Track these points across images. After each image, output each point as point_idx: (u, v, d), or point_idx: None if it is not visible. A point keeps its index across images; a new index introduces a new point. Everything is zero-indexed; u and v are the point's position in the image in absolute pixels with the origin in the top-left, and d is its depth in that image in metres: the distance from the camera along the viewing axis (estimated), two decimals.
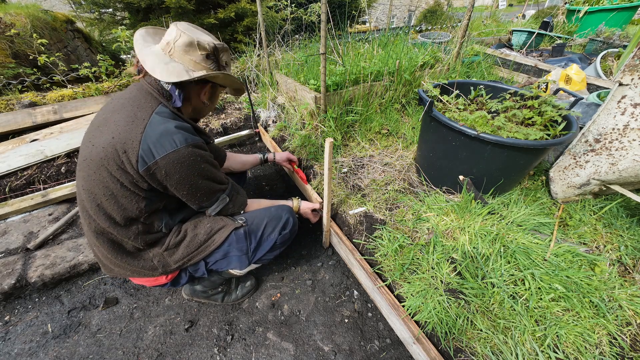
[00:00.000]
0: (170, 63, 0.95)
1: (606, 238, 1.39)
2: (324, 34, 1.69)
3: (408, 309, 1.22)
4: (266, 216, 1.24)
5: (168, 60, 0.95)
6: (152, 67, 0.93)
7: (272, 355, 1.27)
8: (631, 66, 1.14)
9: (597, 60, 3.03)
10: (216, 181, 1.07)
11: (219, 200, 1.10)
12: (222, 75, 1.03)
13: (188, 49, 0.96)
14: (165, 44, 0.97)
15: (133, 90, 1.00)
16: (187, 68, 0.96)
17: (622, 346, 1.05)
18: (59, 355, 1.27)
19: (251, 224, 1.20)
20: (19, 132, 2.43)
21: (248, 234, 1.19)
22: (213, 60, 1.01)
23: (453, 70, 2.62)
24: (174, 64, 0.95)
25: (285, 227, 1.26)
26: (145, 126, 0.89)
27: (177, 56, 0.96)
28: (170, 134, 0.90)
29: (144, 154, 0.87)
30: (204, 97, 1.08)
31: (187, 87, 1.01)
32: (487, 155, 1.34)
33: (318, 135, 2.16)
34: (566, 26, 4.97)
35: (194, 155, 0.94)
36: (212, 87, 1.09)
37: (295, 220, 1.31)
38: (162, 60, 0.95)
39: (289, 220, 1.27)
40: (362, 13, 5.66)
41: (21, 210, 1.88)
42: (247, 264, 1.21)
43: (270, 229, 1.23)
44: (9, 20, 2.94)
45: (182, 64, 0.96)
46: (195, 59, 0.97)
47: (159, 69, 0.93)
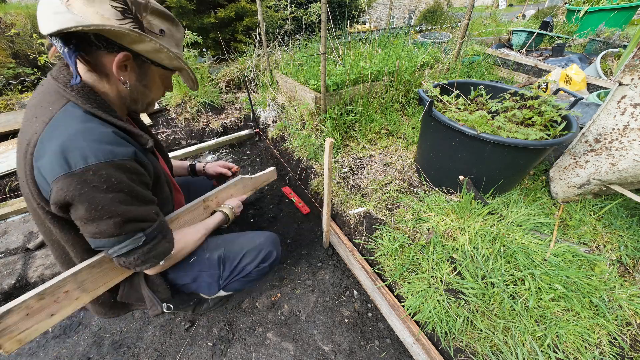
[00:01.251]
0: (63, 14, 0.66)
1: (606, 238, 1.39)
2: (324, 34, 1.69)
3: (408, 309, 1.22)
4: (247, 244, 1.11)
5: (62, 11, 0.67)
6: (41, 20, 0.67)
7: (272, 355, 1.27)
8: (631, 66, 1.14)
9: (597, 60, 3.03)
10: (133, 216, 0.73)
11: (130, 240, 0.75)
12: (135, 36, 0.70)
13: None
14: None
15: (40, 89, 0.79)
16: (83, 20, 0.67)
17: (622, 346, 1.05)
18: (59, 355, 1.27)
19: (228, 251, 1.07)
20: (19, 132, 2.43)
21: (223, 261, 1.06)
22: (132, 20, 0.71)
23: (453, 70, 2.62)
24: (66, 15, 0.66)
25: (265, 260, 1.12)
26: (36, 142, 0.67)
27: (77, 7, 0.67)
28: (64, 151, 0.64)
29: (39, 181, 0.68)
30: (122, 73, 0.76)
31: (92, 52, 0.72)
32: (487, 155, 1.34)
33: (318, 135, 2.16)
34: (566, 26, 4.97)
35: (100, 180, 0.66)
36: (138, 61, 0.77)
37: (278, 254, 1.17)
38: (53, 9, 0.67)
39: (271, 254, 1.13)
40: (362, 13, 5.66)
41: (21, 210, 1.88)
42: (217, 290, 1.11)
43: (248, 259, 1.09)
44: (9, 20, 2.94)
45: (82, 17, 0.67)
46: (103, 12, 0.67)
47: (45, 19, 0.66)
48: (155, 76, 0.85)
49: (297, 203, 2.04)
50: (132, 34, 0.70)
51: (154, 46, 0.74)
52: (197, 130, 2.73)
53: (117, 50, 0.72)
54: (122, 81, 0.77)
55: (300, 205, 2.02)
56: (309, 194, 2.06)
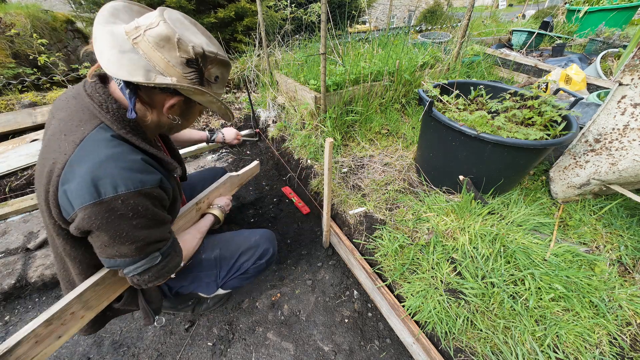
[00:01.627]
0: (128, 53, 0.67)
1: (606, 238, 1.39)
2: (324, 34, 1.69)
3: (408, 309, 1.22)
4: (243, 244, 1.13)
5: (128, 49, 0.67)
6: (101, 50, 0.66)
7: (272, 355, 1.27)
8: (631, 66, 1.14)
9: (597, 60, 3.03)
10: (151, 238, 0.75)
11: (147, 259, 0.76)
12: (197, 93, 0.73)
13: (163, 44, 0.68)
14: (134, 28, 0.69)
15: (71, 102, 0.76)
16: (151, 67, 0.69)
17: (622, 346, 1.05)
18: (59, 355, 1.27)
19: (225, 251, 1.10)
20: (19, 132, 2.43)
21: (219, 261, 1.09)
22: (194, 70, 0.73)
23: (453, 70, 2.62)
24: (133, 56, 0.67)
25: (262, 257, 1.14)
26: (65, 165, 0.66)
27: (144, 47, 0.68)
28: (94, 178, 0.64)
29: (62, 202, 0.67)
30: (170, 111, 0.78)
31: (148, 91, 0.74)
32: (487, 155, 1.34)
33: (318, 135, 2.16)
34: (566, 26, 4.97)
35: (127, 208, 0.68)
36: (186, 102, 0.79)
37: (274, 250, 1.19)
38: (119, 45, 0.67)
39: (267, 251, 1.16)
40: (362, 13, 5.66)
41: (21, 210, 1.88)
42: (215, 289, 1.14)
43: (245, 257, 1.12)
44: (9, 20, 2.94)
45: (146, 59, 0.68)
46: (169, 59, 0.69)
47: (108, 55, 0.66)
48: (196, 112, 0.88)
49: (297, 203, 2.04)
50: (196, 94, 0.74)
51: (209, 99, 0.78)
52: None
53: (171, 93, 0.75)
54: (170, 118, 0.81)
55: (300, 206, 2.02)
56: (309, 194, 2.06)
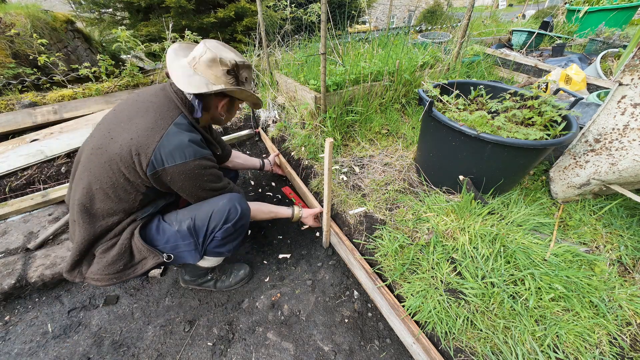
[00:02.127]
0: (193, 76, 1.09)
1: (606, 238, 1.39)
2: (324, 34, 1.69)
3: (408, 309, 1.22)
4: (212, 209, 1.15)
5: (192, 74, 1.09)
6: (177, 79, 1.07)
7: (272, 355, 1.27)
8: (631, 66, 1.14)
9: (597, 60, 3.03)
10: (215, 190, 1.18)
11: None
12: (238, 91, 1.16)
13: (211, 64, 1.08)
14: (192, 59, 1.11)
15: (160, 94, 1.11)
16: (207, 81, 1.09)
17: (622, 346, 1.05)
18: (59, 355, 1.27)
19: (197, 219, 1.14)
20: (19, 132, 2.43)
21: (194, 230, 1.14)
22: (233, 76, 1.13)
23: (453, 70, 2.62)
24: (196, 77, 1.09)
25: (228, 220, 1.15)
26: (162, 136, 0.99)
27: (201, 70, 1.09)
28: (183, 148, 1.01)
29: (155, 160, 0.98)
30: (222, 109, 1.22)
31: (207, 98, 1.14)
32: (487, 155, 1.34)
33: (318, 135, 2.16)
34: (566, 26, 4.97)
35: (199, 168, 1.06)
36: (230, 100, 1.22)
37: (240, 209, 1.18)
38: (187, 73, 1.09)
39: (231, 211, 1.15)
40: (362, 13, 5.66)
41: (21, 210, 1.88)
42: (199, 257, 1.19)
43: (214, 223, 1.14)
44: (9, 20, 2.94)
45: (204, 77, 1.09)
46: (216, 73, 1.09)
47: (182, 80, 1.07)
48: (236, 107, 1.31)
49: (296, 204, 2.04)
50: (238, 92, 1.17)
51: (247, 94, 1.21)
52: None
53: (221, 96, 1.19)
54: (221, 114, 1.25)
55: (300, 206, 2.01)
56: (309, 193, 2.06)
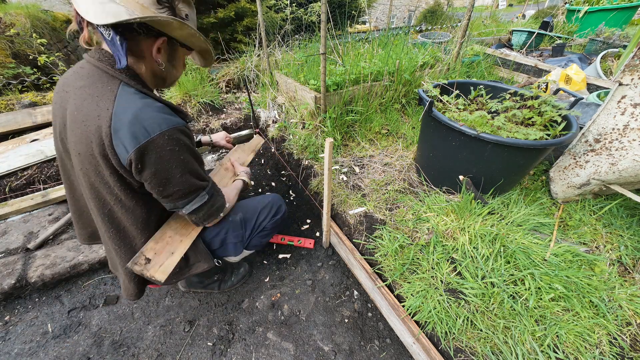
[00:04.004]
0: (108, 3, 0.77)
1: (606, 238, 1.39)
2: (324, 34, 1.69)
3: (408, 309, 1.22)
4: (259, 204, 1.29)
5: (107, 1, 0.77)
6: (86, 9, 0.75)
7: (272, 355, 1.27)
8: (631, 66, 1.14)
9: (597, 60, 3.03)
10: (197, 176, 0.92)
11: (197, 198, 0.94)
12: (177, 24, 0.82)
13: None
14: None
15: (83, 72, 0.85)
16: (131, 11, 0.78)
17: (622, 346, 1.05)
18: (59, 355, 1.27)
19: (245, 213, 1.23)
20: (19, 132, 2.43)
21: (244, 222, 1.21)
22: (167, 7, 0.83)
23: (453, 70, 2.62)
24: (112, 5, 0.77)
25: (277, 214, 1.31)
26: (111, 117, 0.76)
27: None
28: (140, 121, 0.76)
29: (119, 149, 0.77)
30: (158, 55, 0.88)
31: (135, 39, 0.83)
32: (487, 155, 1.34)
33: (318, 135, 2.16)
34: (566, 26, 4.97)
35: (172, 143, 0.81)
36: (170, 44, 0.90)
37: (285, 208, 1.39)
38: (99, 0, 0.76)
39: (281, 207, 1.34)
40: (362, 13, 5.66)
41: (21, 210, 1.88)
42: (241, 250, 1.25)
43: (263, 216, 1.27)
44: (9, 20, 2.94)
45: (124, 6, 0.78)
46: (142, 1, 0.79)
47: (93, 9, 0.75)
48: (181, 56, 0.98)
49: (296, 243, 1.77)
50: (175, 23, 0.82)
51: (189, 32, 0.87)
52: (197, 130, 2.73)
53: (154, 36, 0.84)
54: (158, 62, 0.90)
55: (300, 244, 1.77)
56: (309, 194, 2.06)
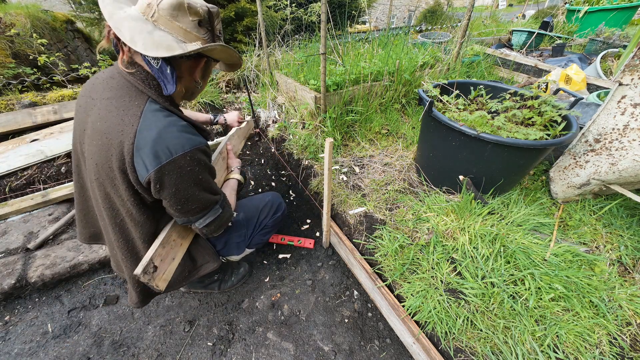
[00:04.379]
0: (154, 32, 0.75)
1: (606, 238, 1.39)
2: (324, 34, 1.69)
3: (408, 309, 1.22)
4: (259, 203, 1.31)
5: (151, 28, 0.75)
6: (132, 37, 0.72)
7: (272, 355, 1.27)
8: (631, 66, 1.14)
9: (597, 60, 3.03)
10: (212, 191, 0.92)
11: (211, 212, 0.94)
12: (221, 48, 0.85)
13: (176, 14, 0.76)
14: (146, 6, 0.76)
15: (112, 82, 0.83)
16: (177, 38, 0.78)
17: (622, 346, 1.05)
18: (59, 355, 1.27)
19: (247, 212, 1.25)
20: (19, 132, 2.43)
21: (246, 221, 1.23)
22: (207, 29, 0.83)
23: (453, 70, 2.62)
24: (159, 33, 0.75)
25: (277, 211, 1.34)
26: (136, 134, 0.75)
27: (163, 22, 0.76)
28: (164, 140, 0.75)
29: (139, 167, 0.76)
30: (198, 75, 0.90)
31: (177, 63, 0.82)
32: (487, 155, 1.34)
33: (318, 135, 2.16)
34: (566, 26, 4.97)
35: (193, 164, 0.80)
36: (207, 62, 0.91)
37: (285, 206, 1.41)
38: (144, 28, 0.74)
39: (280, 205, 1.37)
40: (362, 13, 5.66)
41: (21, 210, 1.88)
42: (244, 249, 1.27)
43: (264, 214, 1.29)
44: (9, 20, 2.94)
45: (169, 33, 0.77)
46: (185, 26, 0.78)
47: (141, 39, 0.72)
48: (211, 70, 0.98)
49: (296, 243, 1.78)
50: (220, 50, 0.85)
51: (230, 52, 0.89)
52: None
53: (195, 57, 0.85)
54: (197, 81, 0.91)
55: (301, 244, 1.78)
56: (309, 194, 2.06)
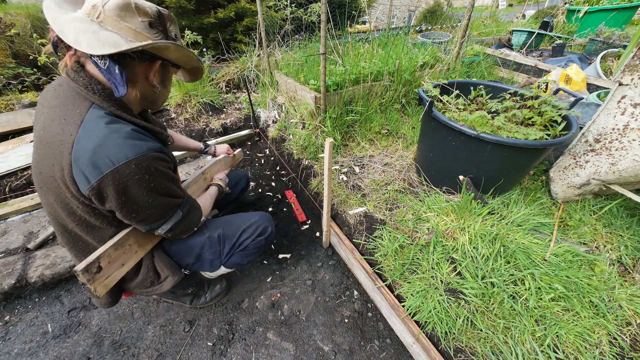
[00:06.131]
0: (100, 31, 0.72)
1: (606, 238, 1.39)
2: (324, 34, 1.69)
3: (408, 309, 1.22)
4: (244, 222, 1.21)
5: (97, 29, 0.72)
6: (76, 38, 0.70)
7: (272, 355, 1.27)
8: (631, 66, 1.14)
9: (597, 60, 3.03)
10: (171, 194, 0.88)
11: (172, 216, 0.92)
12: (174, 47, 0.81)
13: (124, 14, 0.74)
14: (91, 7, 0.74)
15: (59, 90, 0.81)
16: (126, 38, 0.75)
17: (622, 346, 1.05)
18: (59, 355, 1.27)
19: (227, 230, 1.17)
20: (19, 132, 2.43)
21: (222, 238, 1.15)
22: (159, 30, 0.81)
23: (453, 70, 2.62)
24: (106, 33, 0.73)
25: (262, 234, 1.22)
26: (73, 144, 0.71)
27: (110, 23, 0.74)
28: (104, 149, 0.71)
29: (78, 179, 0.73)
30: (154, 78, 0.86)
31: (129, 65, 0.79)
32: (487, 155, 1.34)
33: (318, 135, 2.16)
34: (566, 26, 4.97)
35: (141, 171, 0.76)
36: (163, 66, 0.87)
37: (273, 229, 1.28)
38: (89, 28, 0.72)
39: (266, 229, 1.24)
40: (362, 13, 5.66)
41: (21, 210, 1.88)
42: (219, 266, 1.20)
43: (246, 235, 1.19)
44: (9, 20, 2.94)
45: (117, 33, 0.74)
46: (134, 26, 0.76)
47: (85, 39, 0.70)
48: (171, 77, 0.95)
49: (295, 209, 2.02)
50: (172, 46, 0.81)
51: (184, 53, 0.86)
52: (197, 131, 2.73)
53: (148, 60, 0.82)
54: (154, 86, 0.87)
55: (297, 212, 1.99)
56: (309, 194, 2.06)
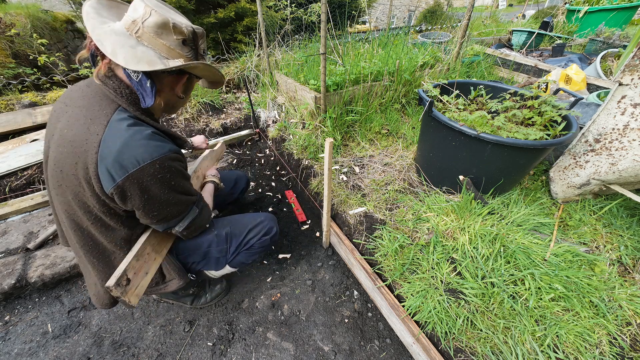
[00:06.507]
0: (137, 47, 0.78)
1: (606, 238, 1.39)
2: (324, 34, 1.69)
3: (408, 309, 1.22)
4: (250, 222, 1.25)
5: (134, 43, 0.78)
6: (114, 50, 0.75)
7: (272, 355, 1.27)
8: (631, 66, 1.14)
9: (597, 60, 3.03)
10: (187, 192, 0.94)
11: (189, 213, 0.97)
12: (203, 66, 0.89)
13: (160, 32, 0.80)
14: (131, 22, 0.79)
15: (87, 91, 0.85)
16: (159, 54, 0.81)
17: (622, 346, 1.05)
18: (59, 355, 1.27)
19: (234, 228, 1.20)
20: (19, 132, 2.43)
21: (230, 237, 1.18)
22: (191, 48, 0.87)
23: (453, 70, 2.62)
24: (142, 48, 0.79)
25: (267, 234, 1.26)
26: (100, 143, 0.75)
27: (147, 39, 0.80)
28: (130, 149, 0.75)
29: (103, 177, 0.76)
30: (179, 90, 0.94)
31: (158, 77, 0.86)
32: (487, 155, 1.34)
33: (318, 135, 2.16)
34: (566, 26, 4.97)
35: (164, 170, 0.81)
36: (189, 78, 0.95)
37: (277, 230, 1.32)
38: (127, 42, 0.77)
39: (272, 229, 1.28)
40: (362, 13, 5.66)
41: (21, 210, 1.88)
42: (224, 265, 1.23)
43: (252, 234, 1.22)
44: (9, 20, 2.94)
45: (152, 49, 0.81)
46: (169, 44, 0.82)
47: (122, 53, 0.75)
48: (193, 86, 1.02)
49: (295, 209, 2.02)
50: (203, 68, 0.90)
51: (213, 71, 0.94)
52: (197, 131, 2.73)
53: (177, 73, 0.89)
54: (179, 96, 0.95)
55: (297, 212, 2.00)
56: (309, 194, 2.06)
